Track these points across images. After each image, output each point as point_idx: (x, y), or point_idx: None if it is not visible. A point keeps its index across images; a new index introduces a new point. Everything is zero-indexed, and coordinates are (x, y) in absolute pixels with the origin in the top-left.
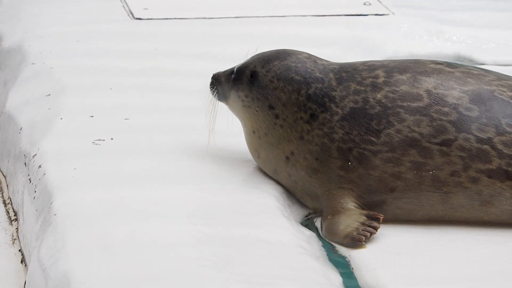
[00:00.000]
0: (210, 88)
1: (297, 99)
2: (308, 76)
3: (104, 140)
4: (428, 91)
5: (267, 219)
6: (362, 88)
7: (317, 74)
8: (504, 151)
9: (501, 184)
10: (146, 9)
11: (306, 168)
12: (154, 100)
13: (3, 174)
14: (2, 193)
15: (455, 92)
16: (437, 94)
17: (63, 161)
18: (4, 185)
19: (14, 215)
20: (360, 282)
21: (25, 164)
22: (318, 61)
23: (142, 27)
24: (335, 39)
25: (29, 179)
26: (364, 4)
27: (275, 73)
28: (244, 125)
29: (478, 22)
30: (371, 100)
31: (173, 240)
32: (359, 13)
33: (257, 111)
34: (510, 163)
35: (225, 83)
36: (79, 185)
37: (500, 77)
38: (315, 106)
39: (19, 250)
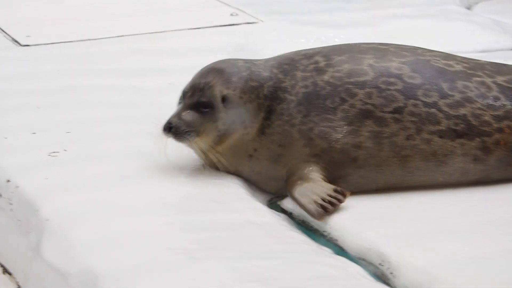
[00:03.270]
0: (174, 137)
1: (259, 103)
2: (260, 78)
3: (58, 152)
4: (371, 66)
5: (244, 204)
6: (308, 74)
7: (265, 74)
8: (450, 112)
9: (452, 142)
10: (29, 36)
11: (269, 157)
12: (89, 113)
13: None
14: None
15: (395, 64)
16: (380, 67)
17: (29, 173)
18: None
19: None
20: (351, 247)
21: None
22: (255, 62)
23: (34, 52)
24: (218, 48)
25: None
26: (231, 15)
27: (240, 89)
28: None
29: (340, 22)
30: (320, 82)
31: (170, 230)
32: (231, 23)
33: (231, 133)
34: (457, 122)
35: (196, 122)
36: (60, 191)
37: (429, 49)
38: (271, 102)
39: None
